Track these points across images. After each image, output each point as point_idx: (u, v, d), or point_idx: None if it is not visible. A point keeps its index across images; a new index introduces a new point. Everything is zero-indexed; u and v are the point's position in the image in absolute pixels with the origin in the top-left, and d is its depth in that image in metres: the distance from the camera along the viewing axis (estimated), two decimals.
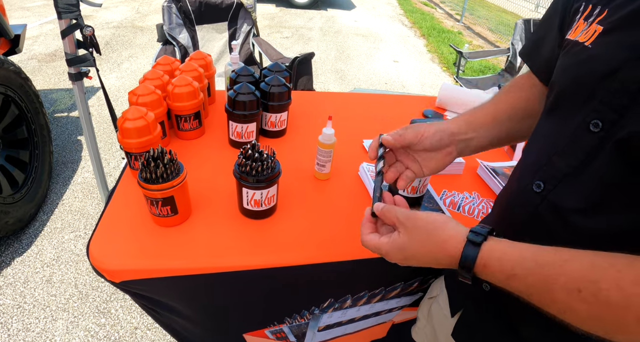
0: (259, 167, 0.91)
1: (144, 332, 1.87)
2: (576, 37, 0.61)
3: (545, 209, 0.62)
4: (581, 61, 0.59)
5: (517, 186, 0.69)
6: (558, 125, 0.62)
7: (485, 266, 0.56)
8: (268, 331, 1.17)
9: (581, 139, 0.57)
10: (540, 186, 0.62)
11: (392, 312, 1.23)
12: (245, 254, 0.92)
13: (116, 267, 0.88)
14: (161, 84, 1.25)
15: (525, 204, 0.65)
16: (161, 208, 0.92)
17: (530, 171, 0.66)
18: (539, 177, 0.63)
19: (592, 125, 0.55)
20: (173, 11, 2.61)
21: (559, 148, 0.61)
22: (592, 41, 0.57)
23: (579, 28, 0.61)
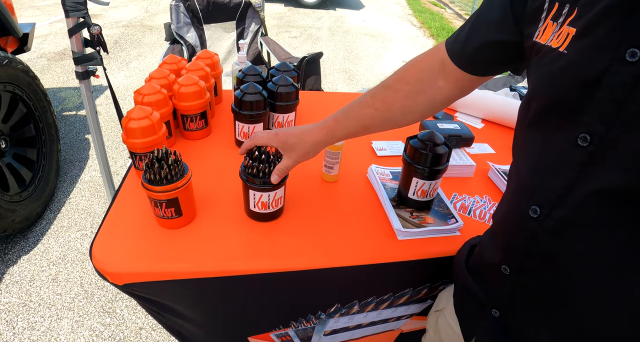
0: (266, 169, 0.88)
1: (149, 332, 1.86)
2: (547, 42, 0.55)
3: (546, 234, 0.57)
4: (559, 70, 0.53)
5: (513, 212, 0.65)
6: (543, 142, 0.57)
7: None
8: (273, 334, 1.15)
9: (570, 156, 0.52)
10: (537, 211, 0.58)
11: (401, 320, 1.21)
12: (251, 258, 0.90)
13: (119, 269, 0.86)
14: (167, 83, 1.24)
15: (524, 232, 0.61)
16: (165, 210, 0.90)
17: (522, 194, 0.62)
18: (534, 201, 0.58)
19: (580, 139, 0.51)
20: (181, 10, 2.60)
21: (548, 167, 0.56)
22: (567, 46, 0.52)
23: (548, 30, 0.56)
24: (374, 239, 0.98)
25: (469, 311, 0.81)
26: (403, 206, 1.05)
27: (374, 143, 1.35)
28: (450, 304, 0.89)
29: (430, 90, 0.81)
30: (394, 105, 0.83)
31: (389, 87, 0.84)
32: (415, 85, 0.82)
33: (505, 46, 0.68)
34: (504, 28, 0.66)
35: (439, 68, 0.79)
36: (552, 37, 0.55)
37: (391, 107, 0.84)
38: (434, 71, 0.80)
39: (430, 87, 0.81)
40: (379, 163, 1.23)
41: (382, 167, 1.19)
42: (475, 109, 1.63)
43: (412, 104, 0.83)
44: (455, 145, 1.31)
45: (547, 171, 0.56)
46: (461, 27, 0.76)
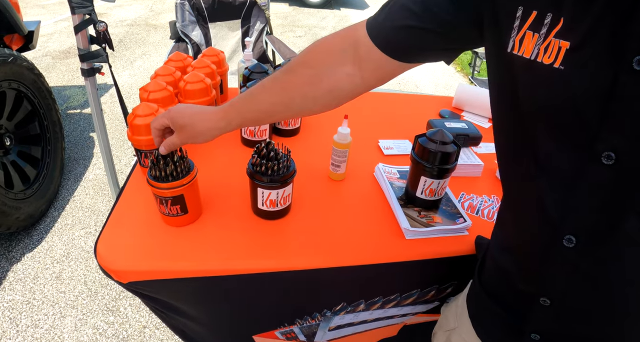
0: (274, 166, 0.87)
1: (153, 331, 1.85)
2: (533, 56, 0.50)
3: (587, 262, 0.54)
4: (560, 88, 0.48)
5: (540, 243, 0.59)
6: (559, 163, 0.52)
7: None
8: (278, 332, 1.14)
9: (594, 176, 0.49)
10: (572, 240, 0.53)
11: (406, 317, 1.20)
12: (257, 256, 0.89)
13: (124, 267, 0.85)
14: (173, 81, 1.23)
15: (561, 262, 0.56)
16: (171, 207, 0.89)
17: (548, 224, 0.56)
18: (568, 230, 0.53)
19: (603, 157, 0.47)
20: (186, 8, 2.59)
21: (576, 192, 0.51)
22: (562, 61, 0.47)
23: (528, 42, 0.50)
24: (382, 238, 0.97)
25: (497, 335, 0.76)
26: (411, 205, 1.04)
27: (380, 142, 1.34)
28: (463, 324, 0.84)
29: (335, 77, 0.71)
30: (295, 92, 0.74)
31: (291, 71, 0.74)
32: (319, 69, 0.72)
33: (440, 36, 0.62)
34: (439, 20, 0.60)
35: (351, 52, 0.69)
36: (537, 51, 0.50)
37: (292, 93, 0.74)
38: (344, 55, 0.70)
39: (336, 73, 0.71)
40: (386, 162, 1.21)
41: (389, 166, 1.17)
42: (482, 108, 1.62)
43: (314, 91, 0.73)
44: (462, 145, 1.30)
45: (574, 195, 0.52)
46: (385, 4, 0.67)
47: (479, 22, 0.58)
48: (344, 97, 0.74)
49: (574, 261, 0.54)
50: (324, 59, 0.72)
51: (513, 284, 0.68)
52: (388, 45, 0.66)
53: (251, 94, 0.77)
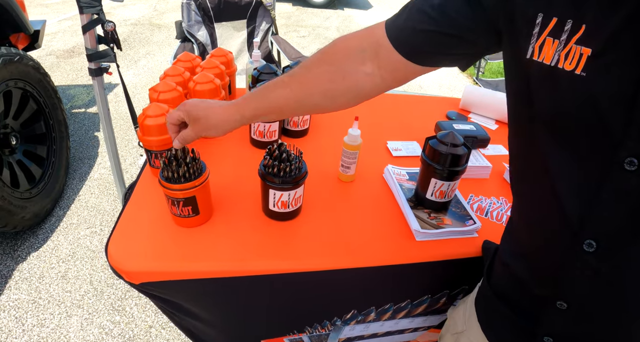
0: (286, 168, 0.87)
1: (159, 331, 1.85)
2: (554, 63, 0.50)
3: (608, 266, 0.54)
4: (583, 95, 0.48)
5: (558, 247, 0.59)
6: (580, 168, 0.52)
7: None
8: (287, 339, 1.14)
9: (620, 182, 0.49)
10: (593, 245, 0.53)
11: (418, 332, 1.19)
12: (268, 257, 0.89)
13: (135, 268, 0.86)
14: (182, 81, 1.23)
15: (581, 267, 0.56)
16: (182, 208, 0.89)
17: (567, 228, 0.56)
18: (588, 235, 0.53)
19: (626, 163, 0.47)
20: (192, 8, 2.59)
21: (597, 197, 0.51)
22: (584, 67, 0.47)
23: (548, 48, 0.50)
24: (392, 239, 0.97)
25: (507, 338, 0.75)
26: (420, 206, 1.04)
27: (389, 143, 1.34)
28: (472, 327, 0.84)
29: (355, 75, 0.71)
30: (314, 89, 0.74)
31: (310, 68, 0.74)
32: (339, 67, 0.72)
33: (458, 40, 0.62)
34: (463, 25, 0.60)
35: (370, 52, 0.70)
36: (557, 57, 0.49)
37: (310, 90, 0.74)
38: (364, 55, 0.70)
39: (356, 72, 0.71)
40: (395, 163, 1.21)
41: (398, 168, 1.17)
42: (489, 110, 1.62)
43: (333, 89, 0.73)
44: (471, 146, 1.30)
45: (596, 201, 0.51)
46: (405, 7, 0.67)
47: (497, 28, 0.58)
48: (363, 96, 0.74)
49: (594, 265, 0.54)
50: (344, 57, 0.72)
51: (527, 289, 0.67)
52: (406, 48, 0.66)
53: (267, 89, 0.77)
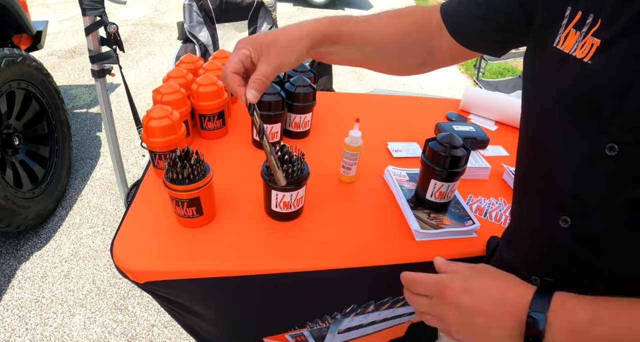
0: (289, 169, 0.89)
1: (161, 329, 1.87)
2: (571, 51, 0.54)
3: (578, 244, 0.57)
4: (585, 80, 0.52)
5: (538, 223, 0.64)
6: (569, 148, 0.56)
7: (563, 304, 0.49)
8: (288, 335, 1.15)
9: (600, 165, 0.52)
10: (568, 222, 0.57)
11: (413, 315, 1.21)
12: (271, 257, 0.91)
13: (140, 268, 0.87)
14: (185, 83, 1.25)
15: (554, 241, 0.60)
16: (186, 209, 0.91)
17: (549, 203, 0.60)
18: (565, 211, 0.57)
19: (607, 149, 0.50)
20: (194, 9, 2.61)
21: (578, 177, 0.55)
22: (592, 56, 0.51)
23: (570, 38, 0.55)
24: (392, 239, 0.98)
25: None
26: (420, 207, 1.05)
27: (389, 144, 1.35)
28: None
29: (428, 42, 0.79)
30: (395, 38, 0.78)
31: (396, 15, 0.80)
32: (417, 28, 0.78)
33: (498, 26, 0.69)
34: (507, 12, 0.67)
35: (438, 27, 0.77)
36: (575, 47, 0.54)
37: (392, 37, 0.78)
38: (434, 27, 0.78)
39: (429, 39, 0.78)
40: (395, 164, 1.23)
41: (398, 169, 1.19)
42: (489, 111, 1.63)
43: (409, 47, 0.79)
44: (470, 148, 1.31)
45: (577, 180, 0.55)
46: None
47: (531, 19, 0.64)
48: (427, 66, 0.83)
49: (567, 242, 0.58)
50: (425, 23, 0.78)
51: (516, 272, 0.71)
52: (452, 27, 0.74)
53: (342, 18, 0.78)
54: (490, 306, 0.54)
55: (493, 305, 0.54)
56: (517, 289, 0.54)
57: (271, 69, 0.67)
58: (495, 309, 0.54)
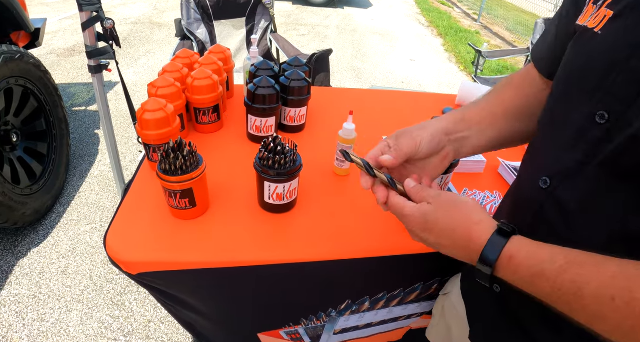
0: (281, 160, 0.89)
1: (157, 325, 1.87)
2: (585, 23, 0.57)
3: (550, 207, 0.59)
4: (590, 49, 0.55)
5: (524, 182, 0.67)
6: (564, 116, 0.59)
7: (511, 258, 0.52)
8: (283, 331, 1.15)
9: (587, 132, 0.54)
10: (547, 182, 0.60)
11: (411, 319, 1.21)
12: (264, 249, 0.91)
13: (133, 259, 0.87)
14: (180, 77, 1.25)
15: (531, 202, 0.63)
16: (179, 200, 0.91)
17: (537, 166, 0.64)
18: (546, 172, 0.60)
19: (597, 116, 0.52)
20: (191, 6, 2.61)
21: (566, 141, 0.57)
22: (602, 27, 0.54)
23: (588, 12, 0.58)
24: (386, 231, 0.98)
25: (474, 291, 0.82)
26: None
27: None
28: (456, 288, 0.91)
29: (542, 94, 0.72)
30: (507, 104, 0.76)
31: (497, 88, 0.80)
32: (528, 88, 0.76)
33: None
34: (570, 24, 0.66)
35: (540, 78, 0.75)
36: (590, 18, 0.56)
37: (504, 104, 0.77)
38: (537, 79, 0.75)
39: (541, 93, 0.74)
40: None
41: None
42: None
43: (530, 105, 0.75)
44: None
45: (564, 144, 0.58)
46: None
47: None
48: None
49: (542, 202, 0.60)
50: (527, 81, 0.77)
51: None
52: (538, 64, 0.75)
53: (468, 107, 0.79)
54: (448, 243, 0.60)
55: (450, 243, 0.60)
56: (471, 235, 0.57)
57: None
58: (452, 246, 0.60)
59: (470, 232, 0.57)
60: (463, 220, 0.58)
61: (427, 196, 0.63)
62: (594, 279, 0.45)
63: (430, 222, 0.60)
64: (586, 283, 0.45)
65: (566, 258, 0.49)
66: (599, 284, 0.45)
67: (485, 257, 0.54)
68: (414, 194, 0.65)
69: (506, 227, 0.55)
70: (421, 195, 0.64)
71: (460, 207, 0.60)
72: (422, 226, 0.61)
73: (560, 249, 0.50)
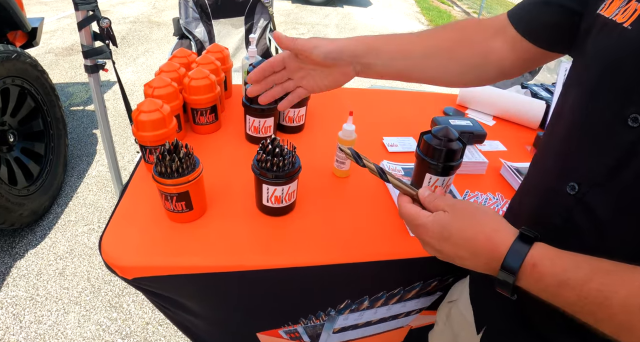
0: (279, 162, 0.87)
1: (156, 327, 1.85)
2: (612, 16, 0.53)
3: (579, 214, 0.56)
4: (620, 45, 0.51)
5: (549, 186, 0.63)
6: (591, 116, 0.55)
7: (534, 266, 0.49)
8: (282, 330, 1.14)
9: (618, 135, 0.51)
10: (575, 188, 0.56)
11: (410, 316, 1.19)
12: (262, 253, 0.89)
13: (128, 263, 0.85)
14: (177, 77, 1.23)
15: (558, 207, 0.59)
16: (176, 203, 0.89)
17: (563, 168, 0.60)
18: (574, 177, 0.56)
19: (630, 119, 0.49)
20: (190, 5, 2.59)
21: (594, 145, 0.54)
22: (632, 22, 0.50)
23: (614, 4, 0.54)
24: (386, 235, 0.97)
25: (484, 297, 0.80)
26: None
27: (385, 139, 1.34)
28: (463, 295, 0.88)
29: (484, 45, 0.74)
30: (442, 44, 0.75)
31: (437, 29, 0.77)
32: (470, 35, 0.75)
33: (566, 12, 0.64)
34: None
35: (497, 29, 0.74)
36: (617, 11, 0.52)
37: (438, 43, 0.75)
38: (493, 30, 0.74)
39: (484, 41, 0.74)
40: (390, 159, 1.21)
41: (393, 163, 1.17)
42: (487, 106, 1.61)
43: (462, 52, 0.74)
44: (467, 142, 1.30)
45: (592, 148, 0.54)
46: None
47: None
48: (486, 71, 0.76)
49: (570, 209, 0.57)
50: (474, 28, 0.76)
51: None
52: (520, 23, 0.71)
53: (391, 35, 0.76)
54: (466, 255, 0.56)
55: (469, 254, 0.56)
56: (491, 243, 0.54)
57: None
58: (471, 257, 0.56)
59: (491, 240, 0.54)
60: (482, 227, 0.56)
61: (442, 205, 0.61)
62: (621, 288, 0.43)
63: (447, 231, 0.57)
64: (614, 292, 0.43)
65: (591, 266, 0.46)
66: (627, 292, 0.43)
67: (507, 264, 0.51)
68: (428, 203, 0.63)
69: (529, 233, 0.53)
70: (436, 204, 0.62)
71: (478, 215, 0.57)
72: (439, 235, 0.58)
73: (584, 257, 0.48)
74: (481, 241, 0.55)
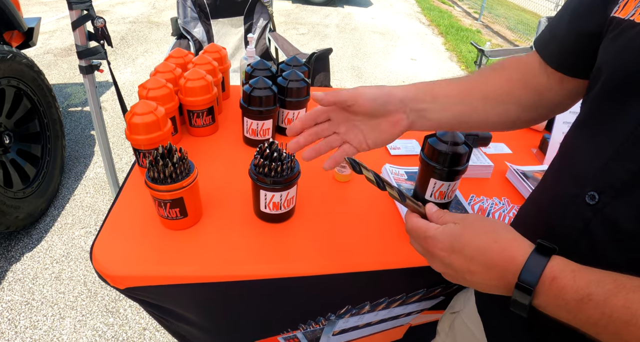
0: (277, 167, 0.83)
1: (153, 333, 1.82)
2: (627, 16, 0.50)
3: (598, 226, 0.52)
4: (637, 46, 0.48)
5: (565, 195, 0.58)
6: (611, 121, 0.52)
7: (554, 280, 0.45)
8: (281, 337, 1.11)
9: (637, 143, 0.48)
10: (595, 197, 0.52)
11: (411, 315, 1.16)
12: (259, 262, 0.85)
13: (121, 273, 0.82)
14: (173, 78, 1.19)
15: (574, 218, 0.55)
16: (170, 210, 0.85)
17: (580, 177, 0.55)
18: (593, 186, 0.52)
19: None
20: (188, 4, 2.55)
21: (615, 150, 0.50)
22: None
23: (629, 5, 0.51)
24: (389, 242, 0.93)
25: (493, 309, 0.75)
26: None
27: None
28: (468, 306, 0.84)
29: (534, 82, 0.69)
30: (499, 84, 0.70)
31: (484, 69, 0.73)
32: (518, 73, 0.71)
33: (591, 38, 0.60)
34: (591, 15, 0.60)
35: (538, 65, 0.69)
36: (634, 12, 0.49)
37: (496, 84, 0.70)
38: (535, 67, 0.70)
39: (533, 79, 0.69)
40: (393, 162, 1.18)
41: (396, 167, 1.14)
42: None
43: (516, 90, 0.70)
44: (472, 145, 1.26)
45: (613, 154, 0.51)
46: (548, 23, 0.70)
47: None
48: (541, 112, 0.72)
49: (588, 220, 0.53)
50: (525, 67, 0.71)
51: None
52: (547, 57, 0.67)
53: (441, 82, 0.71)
54: (479, 269, 0.53)
55: (481, 268, 0.52)
56: (506, 254, 0.50)
57: None
58: (483, 272, 0.52)
59: (506, 250, 0.50)
60: (496, 237, 0.52)
61: (452, 218, 0.57)
62: None
63: (458, 242, 0.54)
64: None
65: (615, 281, 0.43)
66: None
67: (524, 277, 0.47)
68: (436, 218, 0.60)
69: (547, 244, 0.49)
70: (445, 218, 0.58)
71: (490, 226, 0.54)
72: (449, 247, 0.55)
73: (607, 272, 0.44)
74: (495, 251, 0.51)
